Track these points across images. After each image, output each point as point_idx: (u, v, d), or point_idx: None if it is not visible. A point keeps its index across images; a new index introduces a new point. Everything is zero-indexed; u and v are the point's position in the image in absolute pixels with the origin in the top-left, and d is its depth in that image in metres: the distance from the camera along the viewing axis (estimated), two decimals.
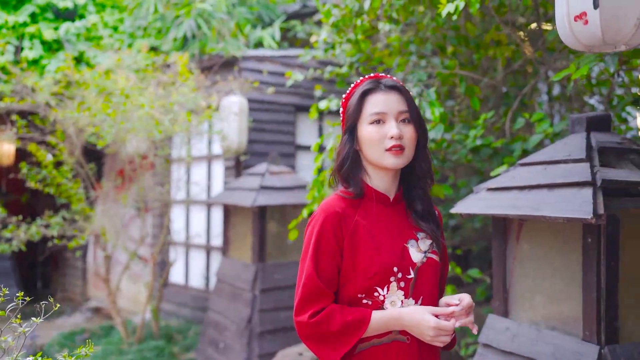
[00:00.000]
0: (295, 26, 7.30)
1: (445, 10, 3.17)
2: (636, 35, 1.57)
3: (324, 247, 1.64)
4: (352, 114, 1.71)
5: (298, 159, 6.63)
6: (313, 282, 1.62)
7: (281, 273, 5.21)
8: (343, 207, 1.68)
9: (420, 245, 1.72)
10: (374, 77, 1.77)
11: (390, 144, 1.65)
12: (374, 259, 1.63)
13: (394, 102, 1.68)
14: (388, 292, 1.64)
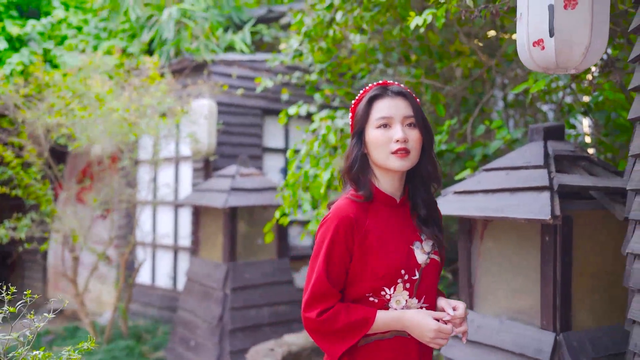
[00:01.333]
0: (262, 30, 7.44)
1: (414, 23, 3.38)
2: (584, 61, 1.81)
3: (336, 251, 1.71)
4: (360, 119, 1.78)
5: (265, 161, 6.79)
6: (323, 283, 1.71)
7: (251, 272, 5.36)
8: (355, 212, 1.74)
9: (424, 246, 1.80)
10: (382, 84, 1.82)
11: (396, 147, 1.71)
12: (382, 261, 1.71)
13: (400, 107, 1.75)
14: (394, 292, 1.73)
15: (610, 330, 2.57)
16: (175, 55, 6.72)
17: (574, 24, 1.71)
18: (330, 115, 4.61)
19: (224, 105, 6.33)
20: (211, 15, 7.06)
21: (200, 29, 6.68)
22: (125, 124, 5.05)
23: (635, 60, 2.09)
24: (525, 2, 1.81)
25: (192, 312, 5.47)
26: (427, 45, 4.78)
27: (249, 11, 7.85)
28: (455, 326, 1.77)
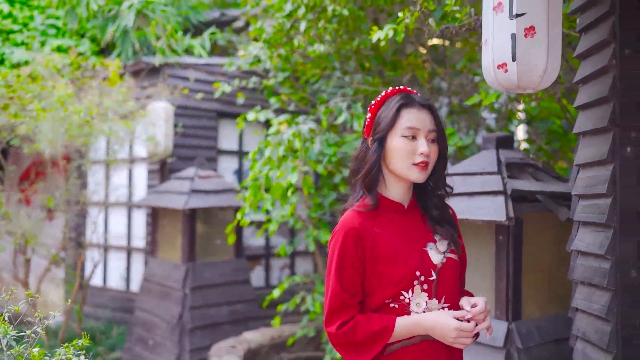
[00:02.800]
0: (216, 34, 7.53)
1: (376, 36, 3.62)
2: (542, 83, 2.07)
3: (347, 262, 1.72)
4: (385, 126, 1.75)
5: (220, 163, 6.89)
6: (338, 296, 1.71)
7: (210, 272, 5.48)
8: (361, 222, 1.74)
9: (438, 247, 1.79)
10: (403, 90, 1.82)
11: (419, 159, 1.72)
12: (397, 267, 1.71)
13: (427, 120, 1.75)
14: (413, 295, 1.71)
15: (554, 319, 2.88)
16: (134, 55, 6.73)
17: (533, 51, 1.96)
18: (288, 120, 4.79)
19: (180, 107, 6.41)
20: (170, 14, 7.10)
21: (162, 28, 6.72)
22: (87, 126, 5.06)
23: (579, 82, 2.39)
24: (490, 29, 2.06)
25: (150, 312, 5.53)
26: (382, 54, 5.04)
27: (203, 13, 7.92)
28: (479, 322, 1.74)
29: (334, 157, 4.62)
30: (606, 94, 2.11)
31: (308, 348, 5.37)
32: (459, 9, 2.97)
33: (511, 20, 1.94)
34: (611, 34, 2.10)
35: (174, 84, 6.30)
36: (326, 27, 4.31)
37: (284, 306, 4.87)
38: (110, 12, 6.86)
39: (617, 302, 2.06)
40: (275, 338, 5.16)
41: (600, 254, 2.13)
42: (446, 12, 3.20)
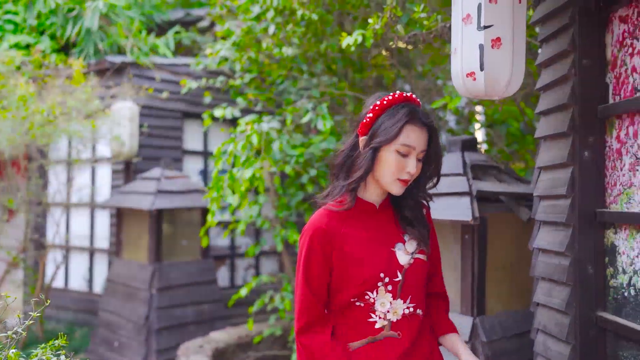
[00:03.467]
0: (180, 33, 7.51)
1: (345, 42, 3.71)
2: (507, 91, 2.19)
3: (313, 262, 1.73)
4: (386, 137, 1.70)
5: (185, 163, 6.88)
6: (305, 296, 1.74)
7: (176, 272, 5.49)
8: (328, 222, 1.74)
9: (407, 247, 1.79)
10: (409, 99, 1.78)
11: (405, 177, 1.72)
12: (362, 268, 1.71)
13: (423, 140, 1.73)
14: (377, 295, 1.72)
15: (517, 314, 3.02)
16: (95, 55, 6.65)
17: (499, 61, 2.08)
18: (256, 120, 4.84)
19: (145, 107, 6.37)
20: (134, 14, 7.04)
21: (128, 28, 6.67)
22: (50, 125, 5.00)
23: (540, 89, 2.53)
24: (459, 39, 2.17)
25: (115, 313, 5.50)
26: (348, 57, 5.14)
27: (167, 13, 7.88)
28: None
29: (301, 158, 4.69)
30: (566, 101, 2.24)
31: (275, 347, 5.44)
32: (426, 15, 3.08)
33: (479, 31, 2.04)
34: (571, 44, 2.23)
35: (139, 84, 6.26)
36: (295, 30, 4.38)
37: (255, 307, 4.92)
38: (72, 11, 6.76)
39: (575, 296, 2.20)
40: (242, 337, 5.21)
41: (560, 252, 2.26)
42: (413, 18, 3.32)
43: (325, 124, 4.42)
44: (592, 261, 2.19)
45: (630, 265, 2.02)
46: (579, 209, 2.19)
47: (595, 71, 2.19)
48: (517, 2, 2.08)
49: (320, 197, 1.84)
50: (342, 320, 1.77)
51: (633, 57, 2.03)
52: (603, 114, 2.17)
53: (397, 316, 1.74)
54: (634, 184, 2.02)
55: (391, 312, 1.73)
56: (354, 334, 1.75)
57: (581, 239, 2.19)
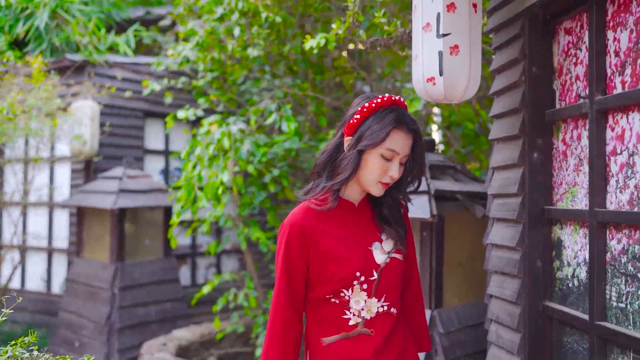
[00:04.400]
0: (141, 32, 7.48)
1: (308, 44, 3.82)
2: (465, 95, 2.33)
3: (291, 258, 1.75)
4: (371, 142, 1.70)
5: (146, 162, 6.87)
6: (281, 293, 1.76)
7: (139, 271, 5.49)
8: (306, 220, 1.75)
9: (384, 246, 1.79)
10: (397, 103, 1.77)
11: (386, 180, 1.73)
12: (338, 266, 1.72)
13: (407, 145, 1.74)
14: (352, 293, 1.73)
15: (471, 306, 3.18)
16: (52, 54, 6.57)
17: (457, 67, 2.21)
18: (219, 121, 4.90)
19: (107, 106, 6.34)
20: (90, 11, 6.97)
21: (83, 26, 6.60)
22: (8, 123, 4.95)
23: (494, 94, 2.69)
24: (420, 46, 2.30)
25: (76, 313, 5.47)
26: (310, 59, 5.25)
27: (126, 11, 7.83)
28: None
29: (264, 158, 4.77)
30: (517, 105, 2.41)
31: (238, 344, 5.50)
32: (386, 21, 3.21)
33: (438, 39, 2.18)
34: (521, 53, 2.39)
35: (101, 83, 6.23)
36: (259, 32, 4.47)
37: (219, 304, 4.97)
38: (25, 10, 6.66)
39: (525, 288, 2.36)
40: (205, 335, 5.25)
41: (512, 246, 2.42)
42: (374, 23, 3.44)
43: (289, 125, 4.52)
44: (540, 255, 2.35)
45: (574, 258, 2.19)
46: (529, 206, 2.35)
47: (543, 78, 2.36)
48: (474, 12, 2.22)
49: (302, 194, 1.85)
50: (317, 315, 1.79)
51: (576, 66, 2.20)
52: (550, 118, 2.33)
53: (371, 314, 1.75)
54: (577, 183, 2.18)
55: (365, 310, 1.74)
56: (327, 329, 1.76)
57: (530, 234, 2.35)
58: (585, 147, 2.13)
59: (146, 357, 4.53)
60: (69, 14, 6.59)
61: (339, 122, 1.86)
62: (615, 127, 1.95)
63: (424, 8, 2.21)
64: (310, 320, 1.82)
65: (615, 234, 1.93)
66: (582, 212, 2.10)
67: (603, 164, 2.00)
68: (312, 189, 1.82)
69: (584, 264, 2.12)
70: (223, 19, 4.87)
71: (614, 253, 1.94)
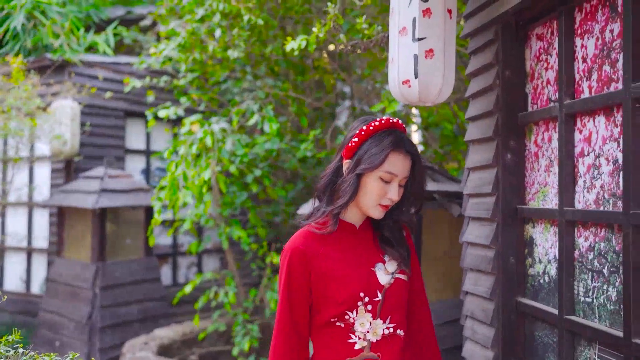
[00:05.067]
0: (121, 32, 7.47)
1: (290, 46, 3.88)
2: (439, 97, 2.40)
3: (293, 283, 1.74)
4: (369, 165, 1.71)
5: (127, 162, 6.86)
6: (284, 321, 1.74)
7: (120, 271, 5.51)
8: (307, 244, 1.75)
9: (387, 267, 1.79)
10: (396, 125, 1.79)
11: (386, 202, 1.74)
12: (341, 287, 1.71)
13: (406, 167, 1.75)
14: (357, 315, 1.71)
15: (448, 303, 3.27)
16: (29, 53, 6.54)
17: (432, 70, 2.29)
18: (200, 120, 4.94)
19: (87, 106, 6.33)
20: (68, 11, 6.95)
21: (60, 26, 6.57)
22: None
23: (469, 97, 2.78)
24: (396, 50, 2.37)
25: (57, 313, 5.46)
26: (291, 60, 5.31)
27: (106, 11, 7.81)
28: None
29: (245, 158, 4.82)
30: (491, 108, 2.49)
31: (219, 343, 5.54)
32: (367, 27, 3.28)
33: (414, 43, 2.25)
34: (495, 58, 2.48)
35: (81, 82, 6.22)
36: (240, 34, 4.51)
37: (200, 303, 5.01)
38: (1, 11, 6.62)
39: (499, 284, 2.44)
40: (186, 334, 5.28)
41: (486, 244, 2.51)
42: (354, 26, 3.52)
43: (271, 125, 4.57)
44: (513, 252, 2.44)
45: (545, 255, 2.28)
46: (502, 205, 2.44)
47: (516, 82, 2.45)
48: (448, 17, 2.30)
49: (303, 219, 1.84)
50: (322, 341, 1.77)
51: (547, 70, 2.29)
52: (523, 120, 2.42)
53: (377, 336, 1.73)
54: (548, 183, 2.27)
55: (371, 333, 1.72)
56: (333, 355, 1.74)
57: (504, 232, 2.44)
58: (556, 148, 2.21)
59: (128, 356, 4.55)
60: (45, 16, 6.56)
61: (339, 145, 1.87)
62: (583, 130, 2.04)
63: (400, 13, 2.28)
64: (316, 347, 1.79)
65: (583, 231, 2.02)
66: (552, 211, 2.19)
67: (572, 165, 2.09)
68: (313, 214, 1.82)
69: (554, 261, 2.21)
70: (204, 20, 4.91)
71: (582, 250, 2.03)
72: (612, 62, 1.89)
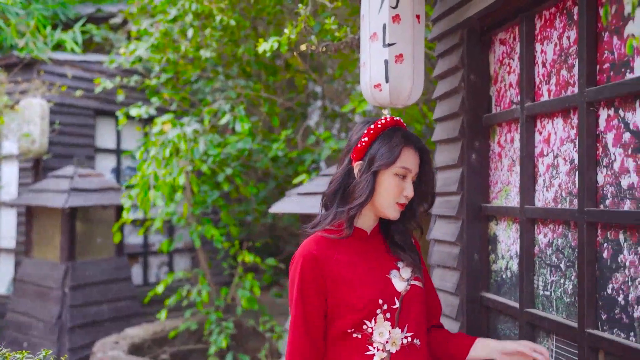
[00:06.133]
0: (91, 30, 7.41)
1: (261, 48, 3.93)
2: (409, 100, 2.49)
3: (306, 291, 1.65)
4: (385, 162, 1.69)
5: (97, 161, 6.82)
6: (299, 335, 1.66)
7: (91, 270, 5.48)
8: (320, 250, 1.68)
9: (402, 274, 1.74)
10: (398, 123, 1.80)
11: (402, 200, 1.72)
12: (358, 294, 1.64)
13: (417, 163, 1.75)
14: (375, 324, 1.64)
15: None
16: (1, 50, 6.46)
17: (402, 74, 2.37)
18: (172, 120, 4.95)
19: (57, 105, 6.28)
20: (33, 9, 6.86)
21: (25, 25, 6.49)
22: None
23: (437, 98, 2.87)
24: (367, 55, 2.44)
25: (25, 314, 5.41)
26: (263, 60, 5.36)
27: (75, 8, 7.73)
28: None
29: (217, 158, 4.86)
30: (457, 110, 2.58)
31: (191, 341, 5.55)
32: (336, 28, 3.36)
33: (384, 48, 2.33)
34: (460, 61, 2.57)
35: (51, 80, 6.16)
36: (213, 34, 4.55)
37: (170, 299, 5.03)
38: None
39: (463, 280, 2.54)
40: (158, 332, 5.29)
41: (452, 241, 2.60)
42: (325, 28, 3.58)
43: (243, 125, 4.62)
44: (477, 249, 2.54)
45: (507, 251, 2.38)
46: (467, 204, 2.53)
47: (480, 85, 2.54)
48: (417, 23, 2.38)
49: (309, 227, 1.79)
50: (337, 355, 1.67)
51: (510, 74, 2.39)
52: (487, 122, 2.52)
53: (396, 347, 1.65)
54: (510, 182, 2.37)
55: (390, 343, 1.65)
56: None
57: (469, 230, 2.53)
58: (517, 149, 2.31)
59: (98, 355, 4.54)
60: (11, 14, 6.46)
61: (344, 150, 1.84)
62: (543, 131, 2.14)
63: (370, 19, 2.36)
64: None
65: (542, 228, 2.13)
66: (514, 209, 2.29)
67: (532, 164, 2.19)
68: (320, 221, 1.77)
69: (515, 257, 2.31)
70: (176, 20, 4.93)
71: (541, 246, 2.13)
72: (568, 67, 1.99)
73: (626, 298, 1.69)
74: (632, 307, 1.66)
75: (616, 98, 1.74)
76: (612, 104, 1.77)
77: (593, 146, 1.83)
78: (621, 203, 1.72)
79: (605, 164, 1.79)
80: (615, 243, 1.74)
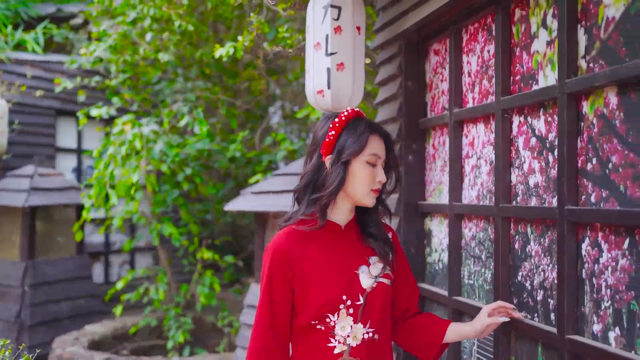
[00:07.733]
0: (52, 30, 7.42)
1: (218, 53, 4.07)
2: (349, 105, 2.68)
3: (274, 283, 1.71)
4: (353, 150, 1.72)
5: (58, 161, 6.85)
6: (264, 320, 1.72)
7: (51, 269, 5.54)
8: (290, 243, 1.72)
9: (371, 270, 1.77)
10: (359, 114, 1.82)
11: (376, 187, 1.76)
12: (323, 290, 1.69)
13: (383, 149, 1.78)
14: (338, 318, 1.69)
15: None
16: None
17: (343, 81, 2.55)
18: (132, 120, 5.06)
19: (16, 104, 6.30)
20: None
21: None
22: None
23: (379, 103, 3.07)
24: (311, 63, 2.63)
25: None
26: (222, 63, 5.50)
27: (36, 8, 7.73)
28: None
29: (177, 157, 4.98)
30: (395, 114, 2.78)
31: (151, 337, 5.66)
32: (289, 35, 3.53)
33: (327, 57, 2.51)
34: (398, 70, 2.77)
35: (10, 80, 6.18)
36: (171, 38, 4.67)
37: (127, 295, 5.13)
38: None
39: None
40: (118, 329, 5.38)
41: None
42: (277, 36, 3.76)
43: (201, 127, 4.75)
44: (414, 243, 2.74)
45: (439, 245, 2.59)
46: (405, 202, 2.73)
47: (417, 92, 2.75)
48: (357, 34, 2.58)
49: (282, 221, 1.82)
50: (301, 345, 1.74)
51: (443, 82, 2.60)
52: (423, 126, 2.73)
53: (357, 341, 1.71)
54: (443, 181, 2.58)
55: (351, 337, 1.70)
56: (312, 359, 1.72)
57: (406, 225, 2.74)
58: (448, 151, 2.53)
59: (57, 351, 4.62)
60: None
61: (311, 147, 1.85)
62: (468, 135, 2.36)
63: (315, 29, 2.54)
64: (294, 351, 1.77)
65: (468, 223, 2.34)
66: (444, 206, 2.50)
67: (459, 165, 2.40)
68: (292, 216, 1.80)
69: (446, 250, 2.53)
70: (136, 23, 5.03)
71: (467, 239, 2.34)
72: (489, 77, 2.21)
73: (532, 284, 1.90)
74: (536, 292, 1.88)
75: (525, 106, 1.96)
76: (522, 111, 1.99)
77: (507, 149, 2.05)
78: (529, 200, 1.94)
79: (517, 165, 2.01)
80: (524, 235, 1.96)
